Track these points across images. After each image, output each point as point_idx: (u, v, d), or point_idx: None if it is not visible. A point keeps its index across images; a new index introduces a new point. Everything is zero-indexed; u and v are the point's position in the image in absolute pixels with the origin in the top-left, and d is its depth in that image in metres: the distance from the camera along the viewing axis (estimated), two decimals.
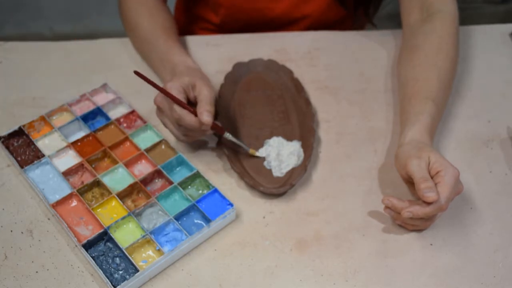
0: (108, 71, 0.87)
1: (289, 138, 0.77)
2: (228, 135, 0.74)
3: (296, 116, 0.80)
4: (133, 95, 0.84)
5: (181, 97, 0.70)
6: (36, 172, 0.73)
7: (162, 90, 0.70)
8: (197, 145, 0.78)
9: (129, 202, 0.71)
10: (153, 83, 0.70)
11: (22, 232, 0.68)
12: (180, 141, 0.75)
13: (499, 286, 0.64)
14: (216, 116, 0.73)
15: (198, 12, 1.01)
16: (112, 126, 0.79)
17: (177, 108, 0.69)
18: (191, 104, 0.71)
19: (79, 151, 0.75)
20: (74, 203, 0.70)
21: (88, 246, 0.66)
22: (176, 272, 0.65)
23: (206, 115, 0.68)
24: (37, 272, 0.65)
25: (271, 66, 0.87)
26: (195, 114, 0.69)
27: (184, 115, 0.68)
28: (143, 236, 0.66)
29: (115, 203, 0.70)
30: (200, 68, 0.78)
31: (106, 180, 0.72)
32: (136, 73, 0.71)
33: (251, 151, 0.75)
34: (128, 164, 0.74)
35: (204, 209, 0.69)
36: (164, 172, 0.72)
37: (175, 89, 0.70)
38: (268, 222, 0.70)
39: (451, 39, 0.81)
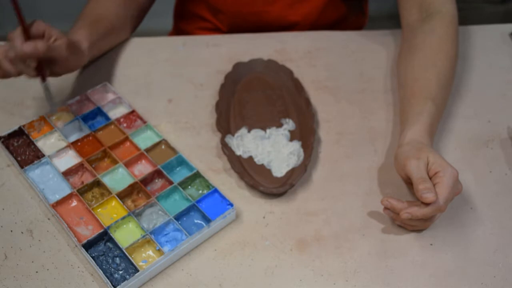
0: (109, 71, 0.87)
1: (289, 138, 0.78)
2: (44, 85, 0.75)
3: (296, 116, 0.80)
4: (133, 95, 0.84)
5: (38, 32, 0.70)
6: (36, 172, 0.73)
7: (19, 14, 0.69)
8: (197, 145, 0.78)
9: (129, 202, 0.71)
10: (17, 8, 0.70)
11: (22, 232, 0.68)
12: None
13: (499, 286, 0.64)
14: (44, 70, 0.73)
15: (197, 13, 1.01)
16: (112, 126, 0.79)
17: (17, 30, 0.69)
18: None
19: (79, 151, 0.75)
20: (74, 203, 0.70)
21: (88, 246, 0.66)
22: (176, 272, 0.65)
23: (28, 45, 0.67)
24: (37, 272, 0.65)
25: (271, 66, 0.87)
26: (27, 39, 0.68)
27: (16, 38, 0.68)
28: (143, 236, 0.66)
29: (115, 203, 0.70)
30: (81, 45, 0.78)
31: (106, 180, 0.72)
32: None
33: (58, 108, 0.78)
34: (128, 164, 0.74)
35: (204, 209, 0.69)
36: (164, 172, 0.72)
37: (34, 20, 0.71)
38: (268, 222, 0.70)
39: (451, 39, 0.81)
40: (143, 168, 0.74)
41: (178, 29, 1.07)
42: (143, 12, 0.94)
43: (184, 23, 1.05)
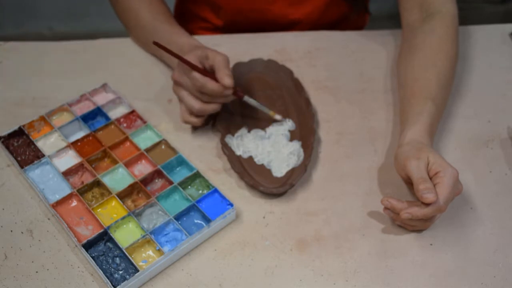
0: (108, 71, 0.87)
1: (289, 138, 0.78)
2: (247, 98, 0.77)
3: (296, 116, 0.80)
4: (133, 95, 0.84)
5: (200, 60, 0.73)
6: (36, 172, 0.73)
7: (183, 59, 0.71)
8: (197, 145, 0.78)
9: (129, 202, 0.71)
10: (173, 52, 0.72)
11: (22, 232, 0.68)
12: (192, 120, 0.75)
13: (499, 286, 0.64)
14: (237, 88, 0.76)
15: (198, 12, 1.01)
16: (112, 126, 0.79)
17: (198, 76, 0.71)
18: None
19: (79, 151, 0.75)
20: (74, 203, 0.70)
21: (88, 246, 0.66)
22: (176, 272, 0.65)
23: (227, 78, 0.71)
24: (37, 272, 0.65)
25: (271, 66, 0.87)
26: (216, 80, 0.71)
27: (207, 81, 0.71)
28: (143, 236, 0.66)
29: (115, 203, 0.70)
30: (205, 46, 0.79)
31: (106, 180, 0.72)
32: (156, 43, 0.73)
33: (271, 113, 0.78)
34: (128, 164, 0.74)
35: (204, 209, 0.69)
36: (164, 172, 0.72)
37: (192, 60, 0.72)
38: (268, 222, 0.70)
39: (451, 39, 0.81)
40: (143, 168, 0.74)
41: None
42: None
43: (184, 23, 1.05)
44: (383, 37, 0.95)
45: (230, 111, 0.81)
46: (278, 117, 0.78)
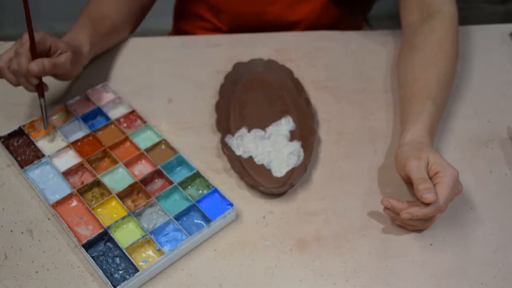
0: (109, 71, 0.87)
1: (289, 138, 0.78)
2: (41, 101, 0.74)
3: (296, 116, 0.80)
4: (133, 95, 0.84)
5: (41, 45, 0.71)
6: (36, 172, 0.73)
7: (29, 27, 0.70)
8: (197, 145, 0.78)
9: (129, 202, 0.71)
10: (28, 15, 0.70)
11: (22, 232, 0.68)
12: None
13: (499, 286, 0.64)
14: (43, 86, 0.74)
15: (197, 12, 1.01)
16: (112, 126, 0.79)
17: (25, 46, 0.70)
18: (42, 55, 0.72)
19: (79, 151, 0.75)
20: (74, 203, 0.70)
21: (88, 246, 0.66)
22: (176, 272, 0.65)
23: (36, 64, 0.69)
24: (37, 272, 0.65)
25: (271, 66, 0.87)
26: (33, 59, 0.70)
27: (23, 55, 0.69)
28: (143, 236, 0.66)
29: (115, 203, 0.70)
30: (83, 49, 0.78)
31: (106, 180, 0.72)
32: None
33: (45, 131, 0.76)
34: (128, 164, 0.74)
35: (204, 209, 0.69)
36: (164, 172, 0.72)
37: (40, 34, 0.71)
38: (268, 222, 0.70)
39: (451, 39, 0.81)
40: (143, 168, 0.74)
41: (178, 29, 1.07)
42: (145, 10, 0.94)
43: (184, 23, 1.05)
44: (383, 37, 0.95)
45: (230, 111, 0.81)
46: (47, 137, 0.77)
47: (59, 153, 0.75)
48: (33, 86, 0.73)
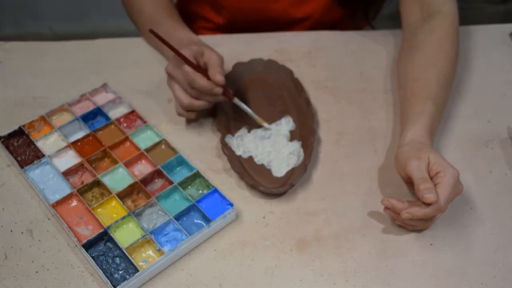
0: (108, 71, 0.87)
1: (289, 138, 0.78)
2: (237, 100, 0.77)
3: (296, 116, 0.80)
4: (133, 95, 0.84)
5: (194, 56, 0.73)
6: (36, 172, 0.73)
7: (177, 52, 0.72)
8: (197, 145, 0.78)
9: (129, 202, 0.71)
10: (169, 43, 0.73)
11: (22, 232, 0.68)
12: (184, 114, 0.76)
13: (499, 286, 0.64)
14: (227, 88, 0.76)
15: (198, 11, 1.01)
16: (112, 126, 0.79)
17: (189, 70, 0.72)
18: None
19: (79, 151, 0.75)
20: (74, 203, 0.70)
21: (88, 246, 0.66)
22: (176, 272, 0.65)
23: (218, 75, 0.71)
24: (37, 272, 0.65)
25: (271, 66, 0.87)
26: (208, 78, 0.72)
27: (198, 77, 0.72)
28: (143, 236, 0.66)
29: (115, 203, 0.70)
30: (205, 43, 0.80)
31: (106, 180, 0.72)
32: (151, 31, 0.74)
33: (260, 120, 0.78)
34: (128, 164, 0.74)
35: (204, 209, 0.69)
36: (164, 172, 0.72)
37: (187, 54, 0.73)
38: (268, 222, 0.70)
39: (451, 39, 0.81)
40: (143, 168, 0.74)
41: None
42: None
43: (186, 22, 1.05)
44: (383, 37, 0.95)
45: (230, 111, 0.81)
46: (266, 124, 0.78)
47: (59, 153, 0.75)
48: (220, 96, 0.75)
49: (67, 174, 0.73)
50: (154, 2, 0.88)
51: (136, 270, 0.63)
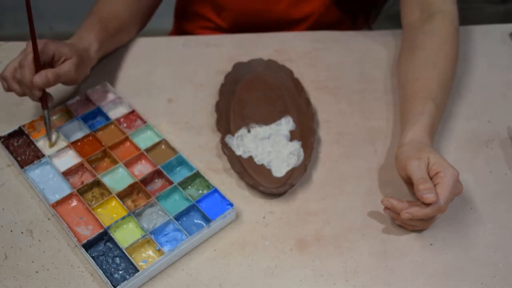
0: (109, 71, 0.87)
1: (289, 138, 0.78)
2: (45, 113, 0.74)
3: (296, 116, 0.80)
4: (133, 95, 0.84)
5: (45, 56, 0.71)
6: (36, 172, 0.73)
7: (32, 36, 0.70)
8: (197, 145, 0.78)
9: (129, 202, 0.71)
10: (31, 22, 0.71)
11: (22, 232, 0.68)
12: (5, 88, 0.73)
13: (499, 286, 0.64)
14: (47, 97, 0.74)
15: (199, 11, 1.01)
16: (112, 126, 0.79)
17: (28, 57, 0.69)
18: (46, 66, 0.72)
19: (79, 151, 0.75)
20: (74, 203, 0.70)
21: (88, 246, 0.66)
22: (176, 272, 0.65)
23: (40, 77, 0.69)
24: (37, 272, 0.65)
25: (271, 66, 0.87)
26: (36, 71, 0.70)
27: (27, 66, 0.69)
28: (143, 236, 0.66)
29: (115, 203, 0.70)
30: (90, 50, 0.78)
31: (106, 180, 0.72)
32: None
33: (49, 143, 0.76)
34: (128, 164, 0.74)
35: (204, 209, 0.69)
36: (164, 172, 0.72)
37: (43, 41, 0.71)
38: (268, 222, 0.70)
39: (451, 39, 0.81)
40: (143, 168, 0.74)
41: (179, 29, 1.07)
42: (153, 9, 0.94)
43: (185, 22, 1.05)
44: (383, 37, 0.95)
45: (230, 111, 0.81)
46: (49, 148, 0.75)
47: (59, 153, 0.75)
48: (37, 98, 0.73)
49: (67, 174, 0.73)
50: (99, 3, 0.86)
51: (136, 270, 0.63)
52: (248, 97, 0.83)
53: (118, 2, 0.86)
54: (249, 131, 0.78)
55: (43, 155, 0.74)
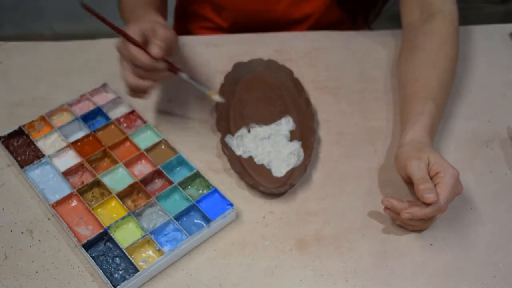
0: (108, 71, 0.87)
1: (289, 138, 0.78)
2: (183, 75, 0.72)
3: (296, 116, 0.80)
4: None
5: (138, 39, 0.68)
6: (36, 172, 0.73)
7: (114, 27, 0.68)
8: (197, 145, 0.78)
9: (129, 202, 0.71)
10: (104, 19, 0.68)
11: (22, 232, 0.68)
12: (132, 94, 0.72)
13: (499, 286, 0.64)
14: (171, 63, 0.72)
15: (199, 11, 1.01)
16: (112, 126, 0.79)
17: (132, 47, 0.67)
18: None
19: (79, 151, 0.75)
20: (74, 203, 0.70)
21: (88, 246, 0.66)
22: (176, 272, 0.65)
23: (154, 47, 0.67)
24: (37, 272, 0.65)
25: (271, 66, 0.87)
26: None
27: (139, 53, 0.67)
28: (143, 236, 0.66)
29: (115, 203, 0.70)
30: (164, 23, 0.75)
31: (106, 180, 0.72)
32: (84, 6, 0.69)
33: (208, 92, 0.74)
34: (128, 164, 0.74)
35: (204, 209, 0.69)
36: (164, 172, 0.72)
37: (132, 31, 0.69)
38: (268, 222, 0.70)
39: (451, 39, 0.81)
40: (143, 168, 0.74)
41: (179, 29, 1.07)
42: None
43: (185, 22, 1.05)
44: (383, 37, 0.95)
45: (230, 111, 0.81)
46: (217, 97, 0.74)
47: (59, 153, 0.75)
48: (165, 72, 0.70)
49: (67, 174, 0.73)
50: None
51: (136, 270, 0.63)
52: (248, 97, 0.83)
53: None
54: (249, 131, 0.78)
55: (43, 155, 0.74)
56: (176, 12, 1.09)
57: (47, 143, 0.77)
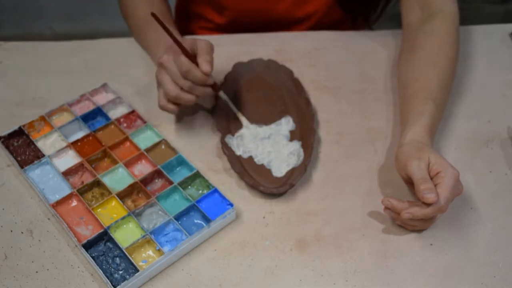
0: (108, 71, 0.87)
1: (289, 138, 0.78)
2: (222, 94, 0.78)
3: (296, 116, 0.80)
4: (133, 95, 0.84)
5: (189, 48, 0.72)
6: (36, 172, 0.73)
7: (176, 40, 0.71)
8: (197, 145, 0.78)
9: (129, 202, 0.71)
10: (169, 30, 0.71)
11: (22, 232, 0.68)
12: (168, 107, 0.74)
13: (499, 286, 0.64)
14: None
15: (199, 12, 1.01)
16: (112, 126, 0.79)
17: (186, 60, 0.70)
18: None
19: (79, 151, 0.75)
20: (74, 203, 0.70)
21: (88, 246, 0.66)
22: (176, 272, 0.65)
23: (205, 64, 0.70)
24: (37, 272, 0.65)
25: (271, 66, 0.87)
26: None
27: (193, 67, 0.70)
28: (143, 236, 0.66)
29: (115, 203, 0.70)
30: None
31: (106, 180, 0.72)
32: (153, 15, 0.71)
33: (240, 116, 0.78)
34: (128, 164, 0.74)
35: (204, 209, 0.69)
36: (164, 172, 0.72)
37: (184, 44, 0.72)
38: (268, 222, 0.70)
39: (451, 39, 0.81)
40: (143, 168, 0.74)
41: (179, 29, 1.07)
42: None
43: (185, 22, 1.05)
44: (383, 37, 0.95)
45: (230, 111, 0.81)
46: (245, 122, 0.78)
47: (59, 153, 0.75)
48: (209, 88, 0.74)
49: (67, 174, 0.73)
50: (148, 5, 0.86)
51: (136, 270, 0.63)
52: (248, 97, 0.83)
53: (153, 0, 0.88)
54: (249, 128, 0.78)
55: (43, 155, 0.74)
56: (176, 12, 1.09)
57: (47, 143, 0.77)
